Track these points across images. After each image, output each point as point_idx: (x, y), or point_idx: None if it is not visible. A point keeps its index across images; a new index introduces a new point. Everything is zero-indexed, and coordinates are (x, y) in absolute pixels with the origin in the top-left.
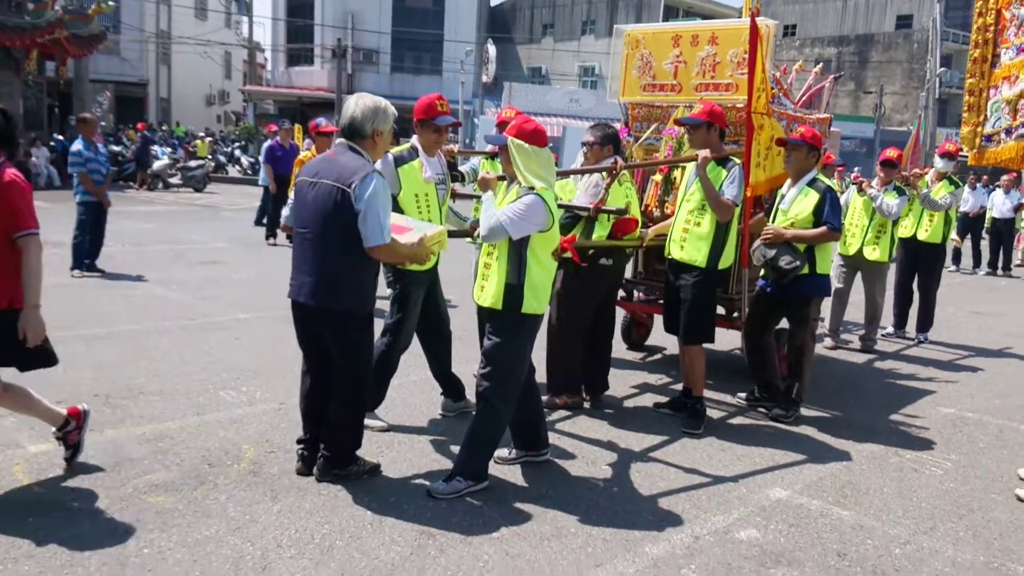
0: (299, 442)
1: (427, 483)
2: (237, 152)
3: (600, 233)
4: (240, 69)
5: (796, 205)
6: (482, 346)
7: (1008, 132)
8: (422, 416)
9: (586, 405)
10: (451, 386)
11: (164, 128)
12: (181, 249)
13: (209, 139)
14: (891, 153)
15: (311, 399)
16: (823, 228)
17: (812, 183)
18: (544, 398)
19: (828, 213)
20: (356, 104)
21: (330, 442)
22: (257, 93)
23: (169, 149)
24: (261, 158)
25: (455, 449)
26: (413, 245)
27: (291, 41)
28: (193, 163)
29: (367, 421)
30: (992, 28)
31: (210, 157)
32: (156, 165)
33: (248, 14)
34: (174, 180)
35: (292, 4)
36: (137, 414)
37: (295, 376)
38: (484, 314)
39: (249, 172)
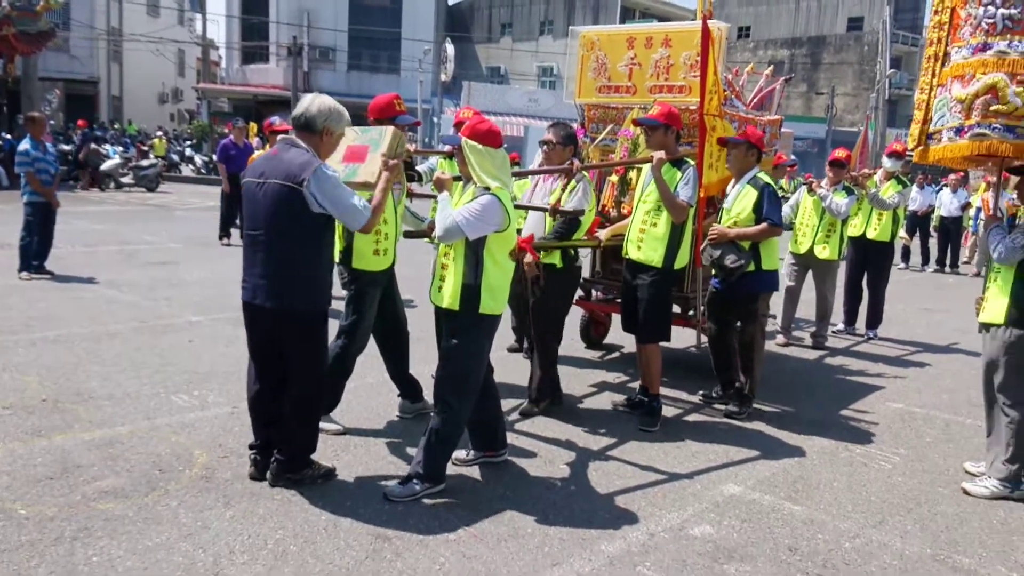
0: (251, 447)
1: (384, 486)
2: (190, 151)
3: (579, 235)
4: (194, 67)
5: (738, 203)
6: (439, 347)
7: (959, 131)
8: (379, 419)
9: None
10: (409, 387)
11: (116, 126)
12: (133, 250)
13: (166, 137)
14: (839, 154)
15: (262, 403)
16: (764, 225)
17: (752, 181)
18: (524, 405)
19: (767, 209)
20: (312, 100)
21: (284, 446)
22: (211, 91)
23: (120, 148)
24: (215, 157)
25: (412, 451)
26: (383, 178)
27: (246, 38)
28: (145, 162)
29: (322, 424)
30: (946, 26)
31: (164, 156)
32: (107, 164)
33: (202, 11)
34: (126, 180)
35: (247, 1)
36: (86, 419)
37: None
38: (441, 315)
39: (203, 171)
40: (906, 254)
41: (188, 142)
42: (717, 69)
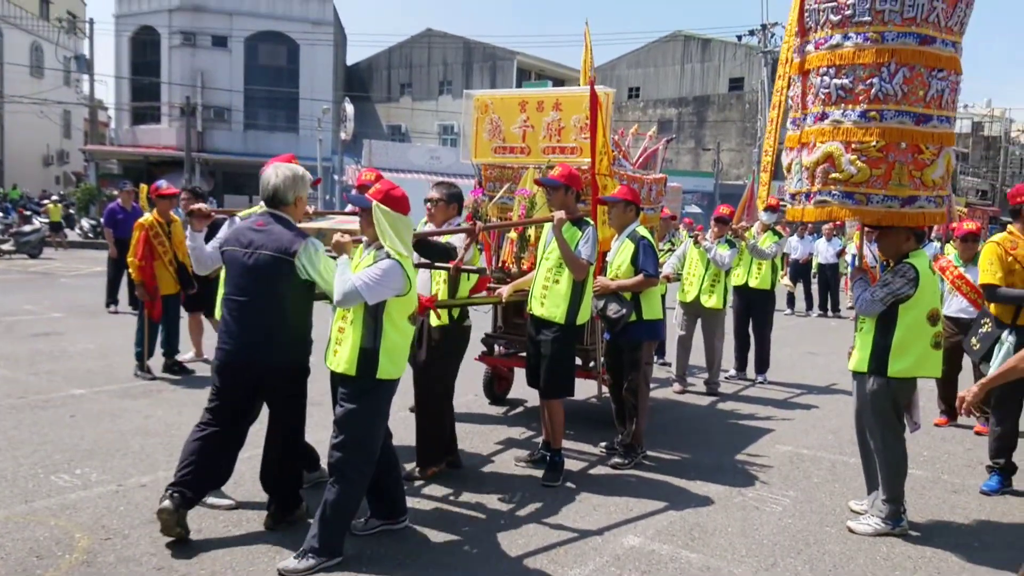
0: (175, 492)
1: (278, 562)
2: (75, 215)
3: (463, 292)
4: (81, 128)
5: (618, 256)
6: (335, 413)
7: (807, 196)
8: None
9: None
10: (305, 456)
11: None
12: (11, 321)
13: (60, 203)
14: (724, 210)
15: (215, 458)
16: (639, 276)
17: (631, 235)
18: (408, 468)
19: (643, 261)
20: (275, 174)
21: (278, 493)
22: (99, 152)
23: (0, 213)
24: (103, 221)
25: (309, 523)
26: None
27: (136, 99)
28: (27, 228)
29: (212, 500)
30: (784, 91)
31: (63, 221)
32: None
33: (89, 72)
34: (6, 246)
35: (137, 62)
36: None
37: (134, 454)
38: (337, 379)
39: (90, 235)
40: (791, 300)
41: (71, 206)
42: (606, 131)
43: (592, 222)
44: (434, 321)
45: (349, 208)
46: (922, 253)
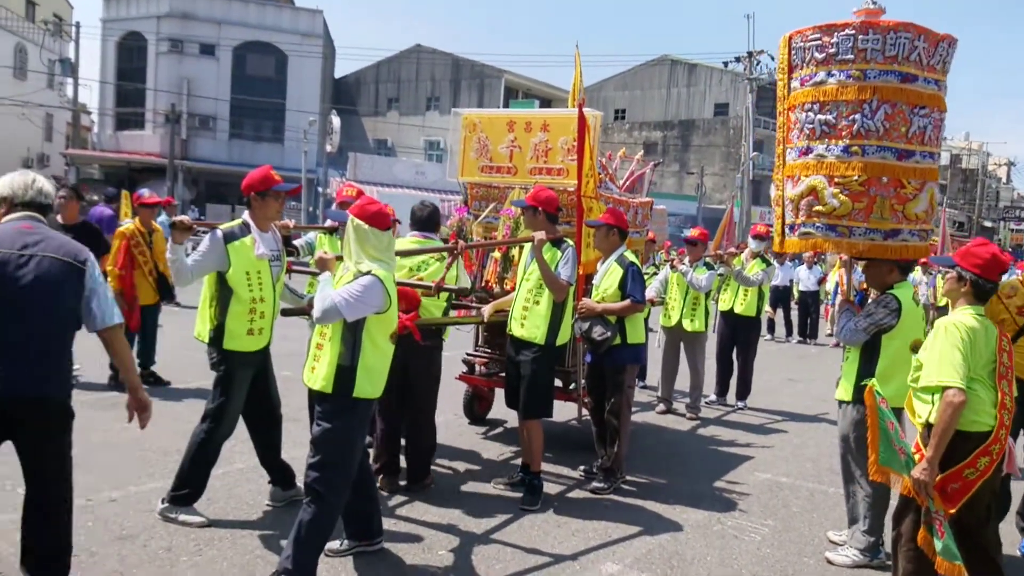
0: None
1: None
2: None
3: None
4: (63, 132)
5: (605, 280)
6: (311, 431)
7: (791, 228)
8: (247, 508)
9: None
10: (280, 474)
11: None
12: None
13: None
14: (694, 232)
15: None
16: (627, 301)
17: (619, 259)
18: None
19: (631, 286)
20: (34, 179)
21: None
22: (81, 157)
23: None
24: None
25: (283, 543)
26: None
27: (121, 104)
28: None
29: (184, 517)
30: (785, 127)
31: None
32: None
33: (74, 76)
34: None
35: (123, 67)
36: None
37: (104, 468)
38: (314, 397)
39: None
40: (771, 326)
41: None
42: (593, 153)
43: (572, 243)
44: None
45: (328, 223)
46: (906, 285)
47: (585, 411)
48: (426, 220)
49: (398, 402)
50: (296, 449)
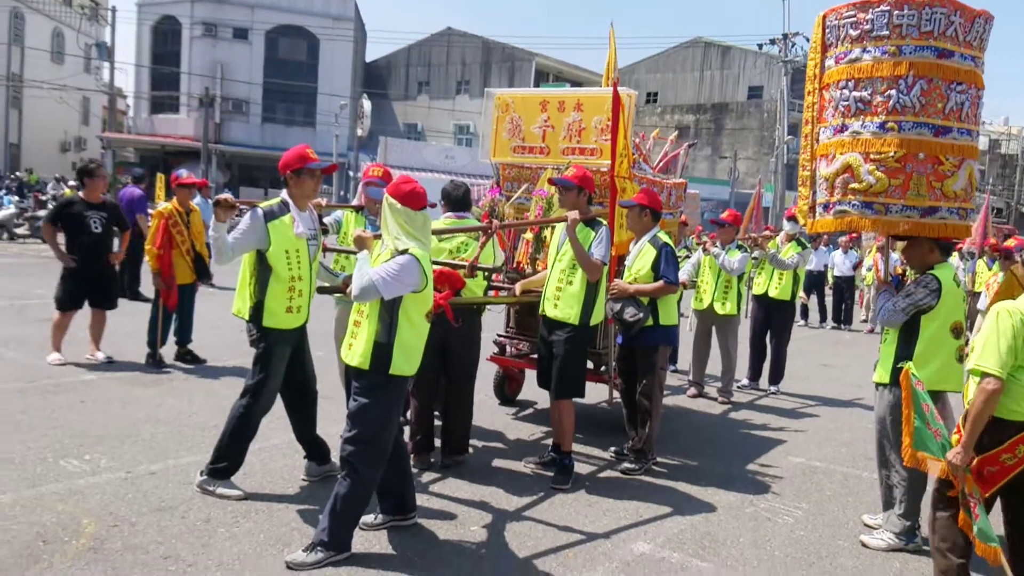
0: None
1: (286, 554)
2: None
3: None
4: (99, 115)
5: (638, 261)
6: (348, 407)
7: (826, 207)
8: (283, 482)
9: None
10: (315, 449)
11: (13, 176)
12: (22, 305)
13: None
14: (724, 214)
15: None
16: (660, 282)
17: (652, 240)
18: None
19: (664, 268)
20: None
21: None
22: (117, 140)
23: (16, 197)
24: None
25: (320, 516)
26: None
27: (156, 88)
28: (42, 212)
29: (223, 490)
30: (815, 107)
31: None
32: (0, 214)
33: (110, 60)
34: (20, 231)
35: (158, 51)
36: None
37: (144, 442)
38: (351, 373)
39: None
40: (804, 312)
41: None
42: (627, 134)
43: (605, 223)
44: None
45: (356, 202)
46: (947, 265)
47: (616, 393)
48: (461, 200)
49: (436, 380)
50: (331, 426)
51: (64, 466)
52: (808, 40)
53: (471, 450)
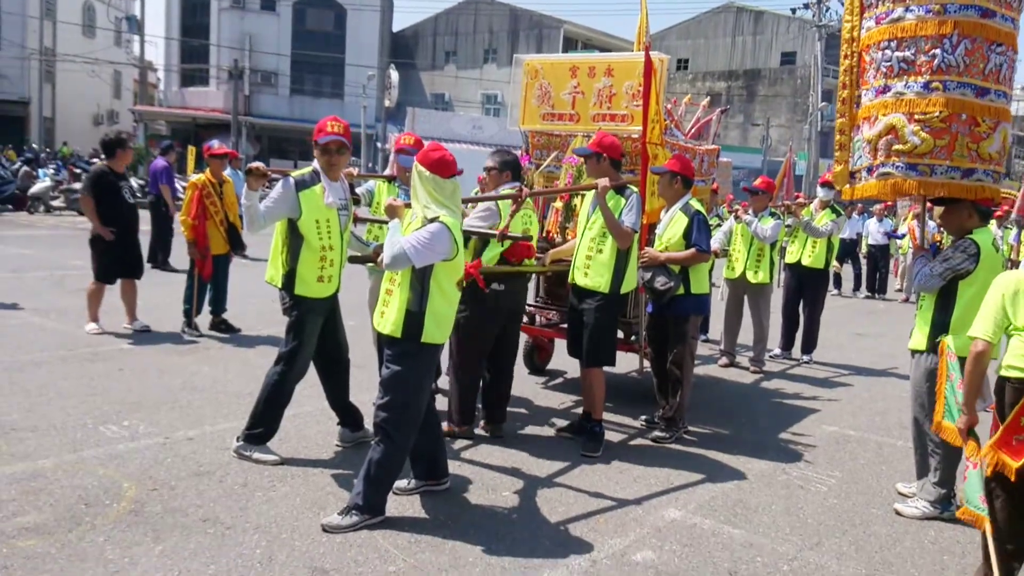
0: None
1: (322, 517)
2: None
3: (490, 256)
4: (130, 88)
5: (669, 229)
6: (380, 374)
7: (869, 171)
8: (317, 448)
9: (484, 434)
10: (348, 416)
11: (48, 149)
12: (61, 275)
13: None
14: (756, 182)
15: None
16: (692, 250)
17: (684, 208)
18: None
19: (696, 236)
20: None
21: None
22: (148, 113)
23: (52, 170)
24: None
25: (352, 481)
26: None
27: (186, 61)
28: (77, 185)
29: (259, 455)
30: (855, 70)
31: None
32: (37, 187)
33: (140, 33)
34: (56, 203)
35: (187, 24)
36: (7, 452)
37: (181, 408)
38: (384, 341)
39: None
40: (837, 281)
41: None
42: (658, 99)
43: (636, 190)
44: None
45: (388, 172)
46: (986, 230)
47: (646, 362)
48: (517, 166)
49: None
50: (363, 394)
51: (104, 432)
52: (843, 3)
53: None
